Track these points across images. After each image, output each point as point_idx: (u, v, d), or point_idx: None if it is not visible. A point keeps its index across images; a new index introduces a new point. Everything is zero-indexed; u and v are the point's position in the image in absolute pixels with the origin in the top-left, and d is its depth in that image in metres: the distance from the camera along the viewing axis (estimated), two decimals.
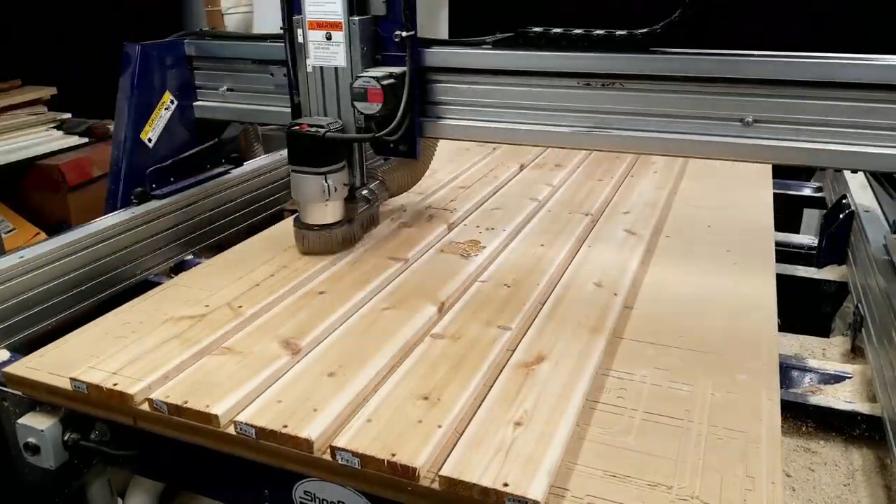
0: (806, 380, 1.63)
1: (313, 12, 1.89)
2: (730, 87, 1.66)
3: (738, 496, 1.11)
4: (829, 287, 2.15)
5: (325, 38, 1.87)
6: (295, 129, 1.84)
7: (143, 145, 2.26)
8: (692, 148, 1.74)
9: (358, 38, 1.84)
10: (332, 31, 1.86)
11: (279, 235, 2.19)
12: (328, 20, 1.86)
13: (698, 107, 1.70)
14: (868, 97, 1.56)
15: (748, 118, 1.66)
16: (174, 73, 2.33)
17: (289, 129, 1.84)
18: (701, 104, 1.70)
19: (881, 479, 1.39)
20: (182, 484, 1.58)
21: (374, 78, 1.77)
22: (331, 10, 1.85)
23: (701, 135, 1.71)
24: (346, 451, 1.18)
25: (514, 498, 1.07)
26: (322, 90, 1.94)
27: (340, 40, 1.87)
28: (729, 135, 1.69)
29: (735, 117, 1.67)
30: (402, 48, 1.84)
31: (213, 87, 2.37)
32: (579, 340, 1.52)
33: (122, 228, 2.09)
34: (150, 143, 2.28)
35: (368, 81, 1.77)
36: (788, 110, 1.63)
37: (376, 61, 1.89)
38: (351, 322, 1.63)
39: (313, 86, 1.95)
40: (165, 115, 2.32)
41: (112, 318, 1.71)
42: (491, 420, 1.26)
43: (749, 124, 1.65)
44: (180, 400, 1.32)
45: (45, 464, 1.46)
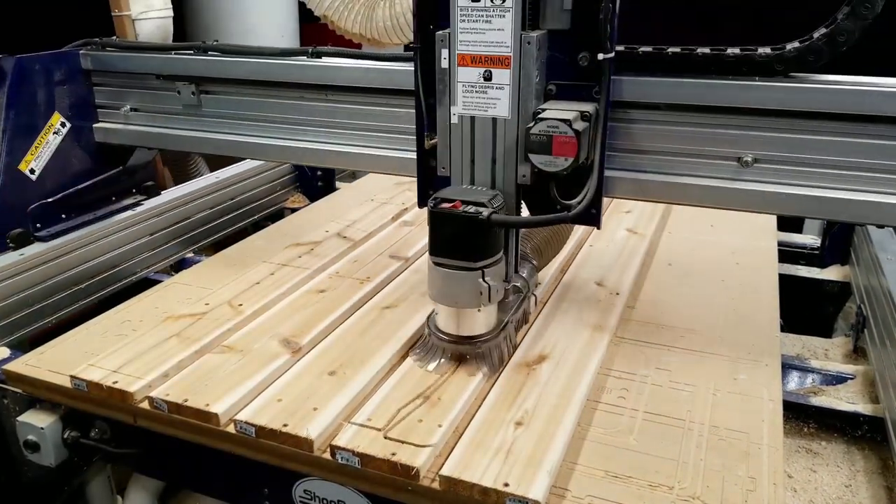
0: (808, 380, 1.62)
1: (469, 41, 1.31)
2: (725, 118, 1.33)
3: (739, 497, 1.10)
4: (831, 287, 2.15)
5: (481, 79, 1.32)
6: (444, 209, 1.29)
7: (22, 177, 1.89)
8: (669, 192, 1.40)
9: (533, 66, 1.29)
10: (493, 69, 1.31)
11: (280, 234, 2.19)
12: (490, 53, 1.30)
13: (683, 142, 1.37)
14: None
15: (747, 157, 1.33)
16: (66, 91, 1.97)
17: (434, 206, 1.31)
18: (687, 139, 1.36)
19: (883, 481, 1.39)
20: (182, 482, 1.57)
21: (563, 121, 1.24)
22: (496, 38, 1.29)
23: (685, 175, 1.38)
24: (346, 451, 1.18)
25: (515, 498, 1.07)
26: (471, 146, 1.38)
27: (505, 81, 1.31)
28: (722, 177, 1.36)
29: (731, 155, 1.34)
30: (588, 76, 1.31)
31: (116, 106, 2.00)
32: (580, 340, 1.52)
33: (122, 226, 2.08)
34: (34, 175, 1.90)
35: (556, 126, 1.24)
36: (797, 148, 1.30)
37: (547, 94, 1.35)
38: (351, 321, 1.63)
39: (457, 139, 1.39)
40: (54, 140, 1.95)
41: (112, 315, 1.70)
42: (491, 420, 1.26)
43: (748, 164, 1.33)
44: (180, 398, 1.31)
45: (45, 461, 1.46)
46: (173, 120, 1.93)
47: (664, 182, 1.39)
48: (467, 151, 1.40)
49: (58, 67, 1.95)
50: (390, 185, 2.62)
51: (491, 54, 1.30)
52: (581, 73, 1.31)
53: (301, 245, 2.05)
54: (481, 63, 1.32)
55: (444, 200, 1.31)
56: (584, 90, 1.32)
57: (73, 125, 2.00)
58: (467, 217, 1.28)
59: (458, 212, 1.28)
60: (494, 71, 1.31)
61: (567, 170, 1.27)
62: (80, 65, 1.99)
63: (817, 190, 1.31)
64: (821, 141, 1.28)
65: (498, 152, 1.37)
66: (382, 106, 1.65)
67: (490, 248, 1.33)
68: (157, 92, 1.93)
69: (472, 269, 1.31)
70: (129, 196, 2.20)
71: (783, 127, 1.30)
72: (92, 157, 2.06)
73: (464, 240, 1.30)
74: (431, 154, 1.46)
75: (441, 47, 1.35)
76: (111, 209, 2.12)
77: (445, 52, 1.35)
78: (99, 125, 2.05)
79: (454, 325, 1.40)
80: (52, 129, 1.95)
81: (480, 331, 1.41)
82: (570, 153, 1.26)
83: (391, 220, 2.26)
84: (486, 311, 1.39)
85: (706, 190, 1.37)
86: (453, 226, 1.30)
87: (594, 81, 1.30)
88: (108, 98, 2.03)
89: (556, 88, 1.34)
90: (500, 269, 1.37)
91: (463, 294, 1.34)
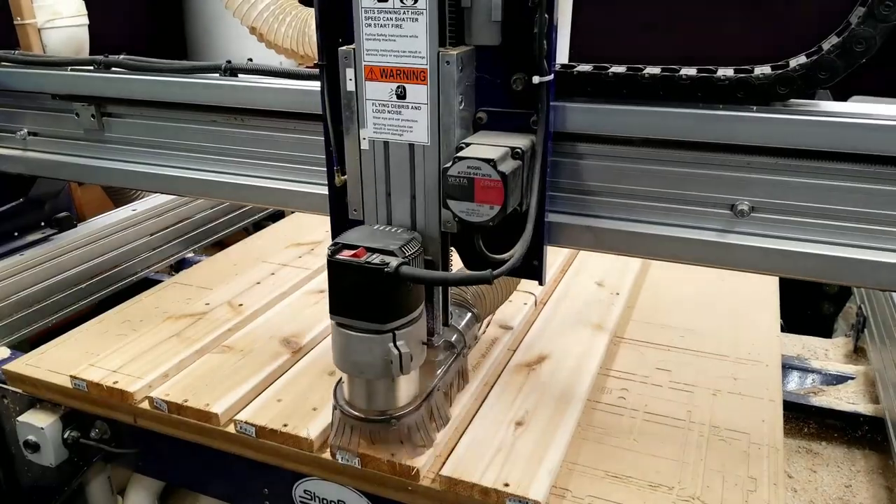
0: (808, 381, 1.62)
1: (377, 51, 1.07)
2: (715, 157, 1.07)
3: (739, 497, 1.10)
4: (831, 287, 2.15)
5: (394, 96, 1.08)
6: (342, 259, 1.04)
7: None
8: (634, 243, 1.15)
9: (454, 90, 1.05)
10: (407, 85, 1.07)
11: (280, 234, 2.19)
12: (403, 65, 1.06)
13: (665, 185, 1.11)
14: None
15: (742, 205, 1.07)
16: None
17: (331, 255, 1.06)
18: (668, 181, 1.10)
19: (883, 481, 1.39)
20: (182, 482, 1.57)
21: (486, 160, 1.00)
22: (408, 46, 1.05)
23: (667, 225, 1.13)
24: (347, 451, 1.18)
25: (515, 498, 1.07)
26: (386, 178, 1.14)
27: (422, 100, 1.07)
28: (712, 228, 1.10)
29: (723, 202, 1.09)
30: (524, 102, 1.07)
31: (11, 129, 1.73)
32: (581, 340, 1.52)
33: (123, 226, 2.08)
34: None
35: (477, 168, 1.00)
36: (802, 195, 1.04)
37: (477, 123, 1.11)
38: None
39: (369, 169, 1.15)
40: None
41: (112, 316, 1.70)
42: (491, 420, 1.26)
43: (744, 214, 1.08)
44: (180, 398, 1.31)
45: (45, 461, 1.46)
46: (74, 146, 1.66)
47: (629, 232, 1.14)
48: (381, 184, 1.14)
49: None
50: None
51: (403, 66, 1.06)
52: (516, 99, 1.07)
53: (301, 245, 2.05)
54: (393, 77, 1.08)
55: (345, 247, 1.06)
56: (520, 118, 1.08)
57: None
58: (371, 268, 1.02)
59: (359, 262, 1.03)
60: (409, 87, 1.07)
61: (493, 220, 1.02)
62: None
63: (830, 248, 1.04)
64: (836, 187, 1.02)
65: (417, 187, 1.12)
66: (304, 133, 1.38)
67: (402, 307, 1.07)
68: (55, 114, 1.66)
69: (381, 332, 1.06)
70: (35, 230, 1.94)
71: (787, 168, 1.04)
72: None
73: (368, 297, 1.04)
74: (343, 194, 1.20)
75: (345, 66, 1.10)
76: (13, 246, 1.86)
77: (351, 72, 1.10)
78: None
79: (363, 397, 1.14)
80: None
81: (397, 404, 1.14)
82: (495, 200, 1.01)
83: None
84: (404, 379, 1.13)
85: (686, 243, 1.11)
86: (355, 279, 1.04)
87: (531, 109, 1.07)
88: (1, 120, 1.76)
89: (486, 116, 1.10)
90: (418, 330, 1.11)
91: (370, 362, 1.08)
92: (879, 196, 1.00)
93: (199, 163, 1.52)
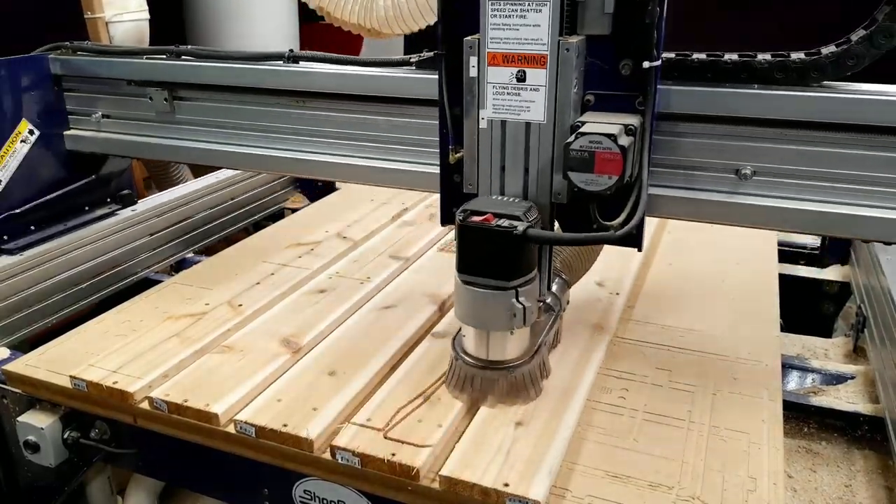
0: (808, 380, 1.62)
1: (501, 39, 1.20)
2: (723, 127, 1.26)
3: (739, 497, 1.10)
4: (831, 287, 2.15)
5: (514, 79, 1.21)
6: (473, 223, 1.18)
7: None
8: (661, 206, 1.32)
9: (572, 73, 1.18)
10: (527, 69, 1.20)
11: (280, 234, 2.19)
12: (524, 52, 1.19)
13: (681, 153, 1.30)
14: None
15: (746, 169, 1.26)
16: (34, 97, 1.90)
17: (463, 220, 1.19)
18: (682, 149, 1.29)
19: (883, 481, 1.39)
20: (182, 483, 1.57)
21: (607, 135, 1.12)
22: (530, 34, 1.18)
23: (680, 188, 1.31)
24: (346, 451, 1.18)
25: (515, 498, 1.07)
26: (501, 153, 1.27)
27: (540, 82, 1.20)
28: (720, 190, 1.29)
29: (729, 167, 1.28)
30: (630, 85, 1.20)
31: (87, 112, 1.94)
32: (581, 340, 1.52)
33: (123, 226, 2.08)
34: (0, 185, 1.87)
35: (599, 142, 1.13)
36: (800, 160, 1.23)
37: (585, 105, 1.24)
38: (351, 321, 1.63)
39: (486, 146, 1.27)
40: (22, 148, 1.89)
41: (112, 316, 1.70)
42: (491, 420, 1.26)
43: (747, 177, 1.26)
44: (180, 398, 1.32)
45: (44, 462, 1.46)
46: (146, 127, 1.86)
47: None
48: (497, 159, 1.27)
49: (25, 72, 1.88)
50: None
51: (525, 52, 1.19)
52: (623, 83, 1.20)
53: (301, 245, 2.05)
54: (514, 62, 1.21)
55: (473, 213, 1.19)
56: (626, 101, 1.21)
57: (42, 133, 1.92)
58: (501, 231, 1.16)
59: (490, 226, 1.16)
60: (529, 71, 1.20)
61: (611, 189, 1.15)
62: (48, 70, 1.92)
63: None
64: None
65: (531, 161, 1.25)
66: (360, 114, 1.58)
67: (525, 266, 1.21)
68: (130, 98, 1.85)
69: (506, 289, 1.20)
70: (103, 206, 2.12)
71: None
72: (63, 166, 1.99)
73: (497, 257, 1.19)
74: (456, 169, 1.35)
75: (469, 54, 1.23)
76: (84, 219, 2.05)
77: (474, 60, 1.23)
78: (70, 132, 1.98)
79: (484, 349, 1.29)
80: (20, 136, 1.89)
81: (513, 355, 1.29)
82: (614, 171, 1.13)
83: (391, 220, 2.26)
84: (519, 333, 1.28)
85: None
86: (485, 241, 1.18)
87: (637, 91, 1.20)
88: (78, 104, 1.96)
89: (594, 99, 1.24)
90: (535, 289, 1.25)
91: (494, 316, 1.22)
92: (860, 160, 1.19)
93: (261, 140, 1.72)
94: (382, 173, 1.60)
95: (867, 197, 1.21)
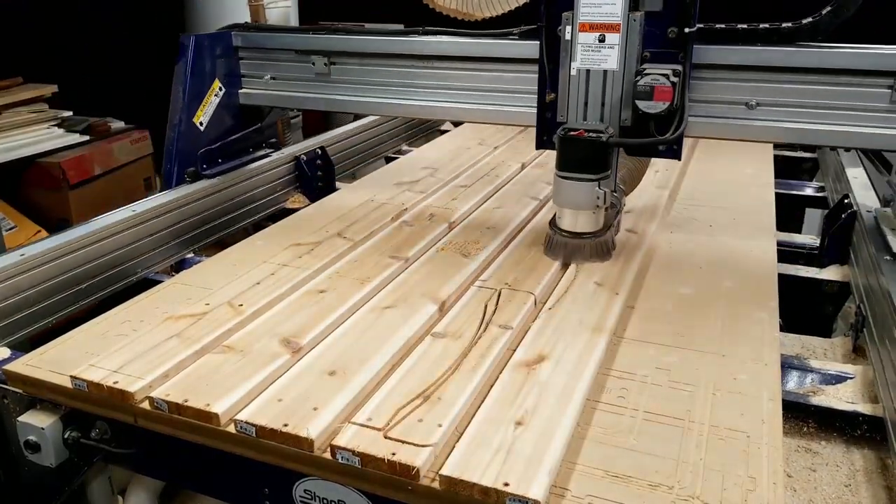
0: (807, 380, 1.62)
1: (588, 13, 1.79)
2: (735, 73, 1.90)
3: (739, 497, 1.10)
4: (830, 287, 2.15)
5: (596, 41, 1.80)
6: (572, 136, 1.76)
7: (195, 128, 2.43)
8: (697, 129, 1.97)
9: (637, 38, 1.78)
10: (606, 34, 1.79)
11: (280, 234, 2.19)
12: (604, 21, 1.78)
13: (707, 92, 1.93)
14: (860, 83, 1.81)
15: (752, 102, 1.91)
16: (222, 63, 2.51)
17: (564, 134, 1.77)
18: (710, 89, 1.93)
19: (882, 480, 1.39)
20: (182, 482, 1.57)
21: (663, 75, 1.72)
22: (609, 10, 1.77)
23: (708, 117, 1.95)
24: (347, 451, 1.18)
25: (515, 498, 1.07)
26: (585, 94, 1.86)
27: (615, 42, 1.79)
28: (736, 117, 1.94)
29: (740, 101, 1.92)
30: (675, 45, 1.79)
31: (258, 75, 2.54)
32: (580, 340, 1.52)
33: (123, 226, 2.08)
34: (202, 127, 2.44)
35: (657, 79, 1.71)
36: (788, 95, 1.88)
37: (643, 58, 1.82)
38: (351, 321, 1.63)
39: (575, 88, 1.87)
40: (214, 101, 2.49)
41: (113, 316, 1.71)
42: (491, 419, 1.26)
43: (753, 107, 1.91)
44: (181, 398, 1.32)
45: (45, 462, 1.46)
46: (306, 86, 2.47)
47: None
48: (582, 97, 1.87)
49: (217, 44, 2.49)
50: (390, 185, 2.62)
51: (604, 22, 1.78)
52: (669, 43, 1.79)
53: (301, 245, 2.05)
54: (597, 29, 1.80)
55: (570, 129, 1.78)
56: (671, 56, 1.79)
57: (226, 90, 2.53)
58: (591, 140, 1.75)
59: (584, 137, 1.75)
60: (607, 35, 1.79)
61: (664, 111, 1.73)
62: (231, 42, 2.52)
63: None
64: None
65: (607, 98, 1.84)
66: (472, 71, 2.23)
67: (606, 165, 1.80)
68: (293, 63, 2.46)
69: (592, 180, 1.78)
70: (261, 149, 2.72)
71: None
72: (237, 116, 2.60)
73: (587, 158, 1.77)
74: (547, 108, 1.94)
75: (566, 24, 1.83)
76: (250, 157, 2.64)
77: (569, 28, 1.83)
78: (243, 90, 2.58)
79: (574, 224, 1.88)
80: (214, 92, 2.49)
81: (595, 227, 1.88)
82: (668, 99, 1.72)
83: (391, 220, 2.26)
84: (598, 213, 1.86)
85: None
86: (580, 147, 1.77)
87: (679, 49, 1.78)
88: (250, 69, 2.56)
89: (650, 54, 1.81)
90: (610, 182, 1.83)
91: (584, 199, 1.80)
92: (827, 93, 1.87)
93: (397, 94, 2.36)
94: (485, 113, 2.25)
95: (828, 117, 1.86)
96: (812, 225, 3.01)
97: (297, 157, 2.82)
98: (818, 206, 2.84)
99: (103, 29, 4.81)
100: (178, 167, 2.39)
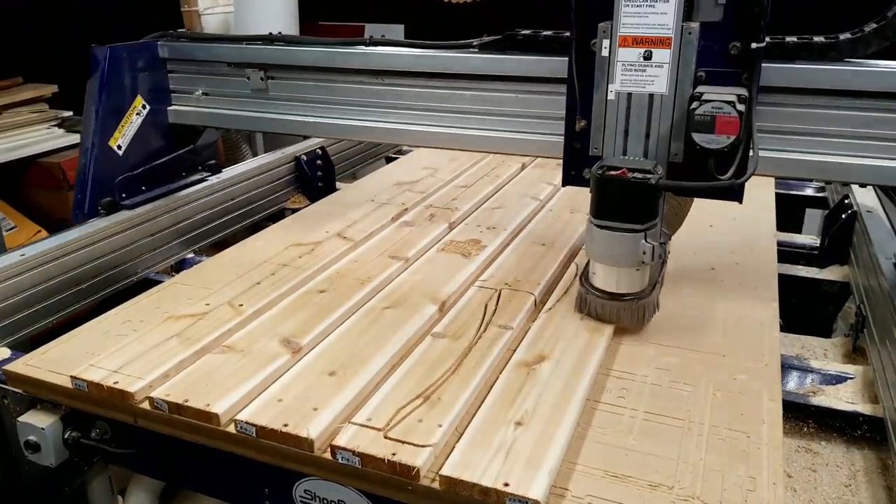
0: (807, 380, 1.62)
1: (631, 25, 1.44)
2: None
3: (739, 497, 1.10)
4: (830, 287, 2.15)
5: (641, 58, 1.45)
6: (612, 175, 1.42)
7: (111, 152, 2.14)
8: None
9: (692, 52, 1.43)
10: (654, 49, 1.44)
11: (280, 234, 2.19)
12: (652, 35, 1.43)
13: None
14: (877, 106, 1.50)
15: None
16: (146, 77, 2.22)
17: (602, 174, 1.43)
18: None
19: (883, 480, 1.39)
20: (182, 482, 1.57)
21: (728, 102, 1.37)
22: (658, 21, 1.42)
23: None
24: (347, 451, 1.18)
25: (515, 498, 1.07)
26: (626, 122, 1.50)
27: (665, 59, 1.44)
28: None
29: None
30: (736, 63, 1.43)
31: (189, 91, 2.25)
32: (580, 340, 1.52)
33: (123, 226, 2.09)
34: (120, 150, 2.15)
35: (720, 107, 1.37)
36: (791, 119, 1.57)
37: (698, 80, 1.46)
38: (351, 321, 1.63)
39: (612, 116, 1.51)
40: (137, 120, 2.20)
41: (113, 316, 1.71)
42: (491, 420, 1.26)
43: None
44: (181, 398, 1.32)
45: (45, 462, 1.46)
46: (242, 103, 2.17)
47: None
48: (622, 126, 1.51)
49: (140, 56, 2.19)
50: (390, 185, 2.62)
51: (652, 36, 1.43)
52: (731, 61, 1.43)
53: (301, 245, 2.05)
54: (642, 44, 1.44)
55: (610, 168, 1.44)
56: (733, 76, 1.43)
57: (151, 108, 2.24)
58: (636, 183, 1.40)
59: (626, 178, 1.41)
60: (655, 51, 1.44)
61: (727, 147, 1.39)
62: (157, 54, 2.22)
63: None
64: None
65: (653, 128, 1.49)
66: (429, 88, 1.91)
67: (652, 212, 1.45)
68: (228, 78, 2.16)
69: (636, 231, 1.44)
70: (196, 172, 2.43)
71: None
72: (165, 137, 2.30)
73: (631, 203, 1.43)
74: (576, 138, 1.57)
75: (603, 37, 1.47)
76: (182, 183, 2.34)
77: (607, 42, 1.47)
78: (172, 107, 2.29)
79: (613, 283, 1.53)
80: (136, 110, 2.20)
81: (637, 288, 1.53)
82: (733, 132, 1.37)
83: (391, 220, 2.26)
84: (643, 269, 1.51)
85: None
86: (622, 191, 1.43)
87: (742, 68, 1.42)
88: (181, 84, 2.26)
89: (705, 75, 1.45)
90: (658, 232, 1.50)
91: (627, 254, 1.46)
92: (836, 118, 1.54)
93: (345, 112, 2.04)
94: (450, 138, 1.91)
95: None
96: (812, 225, 3.01)
97: (298, 157, 2.82)
98: (818, 207, 2.84)
99: (103, 29, 4.82)
100: (90, 197, 2.10)
